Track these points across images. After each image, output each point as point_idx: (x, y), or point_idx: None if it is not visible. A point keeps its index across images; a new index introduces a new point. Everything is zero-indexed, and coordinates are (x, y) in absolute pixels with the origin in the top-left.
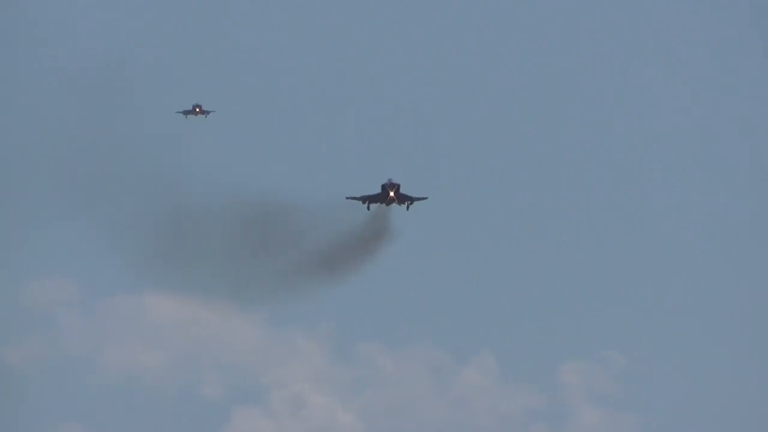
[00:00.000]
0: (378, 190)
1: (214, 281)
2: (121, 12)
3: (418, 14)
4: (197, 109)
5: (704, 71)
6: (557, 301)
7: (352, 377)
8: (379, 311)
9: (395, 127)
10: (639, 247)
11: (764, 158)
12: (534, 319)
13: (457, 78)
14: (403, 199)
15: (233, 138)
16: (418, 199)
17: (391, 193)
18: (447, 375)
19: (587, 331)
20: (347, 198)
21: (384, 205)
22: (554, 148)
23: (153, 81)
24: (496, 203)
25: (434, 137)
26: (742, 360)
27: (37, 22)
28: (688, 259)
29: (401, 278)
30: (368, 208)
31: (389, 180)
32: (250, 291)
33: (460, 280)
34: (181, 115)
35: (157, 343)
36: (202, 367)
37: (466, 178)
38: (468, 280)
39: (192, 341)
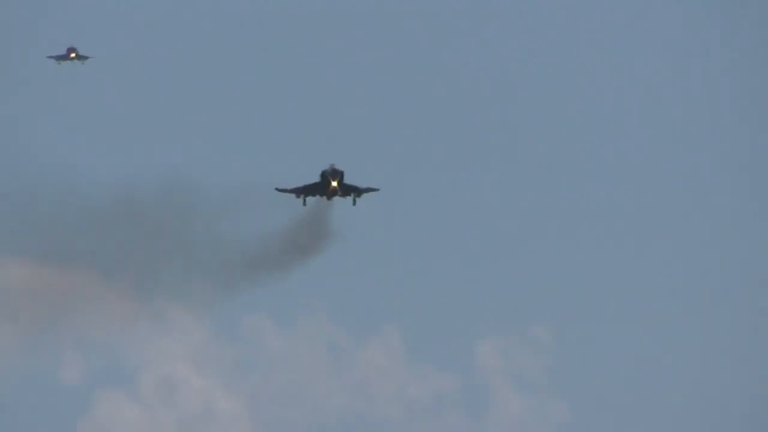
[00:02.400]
0: (317, 179)
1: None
2: None
3: None
4: (72, 54)
5: (702, 73)
6: (473, 273)
7: (235, 357)
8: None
9: (338, 103)
10: (572, 219)
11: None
12: (446, 293)
13: (411, 56)
14: (348, 190)
15: (120, 95)
16: (367, 190)
17: (334, 183)
18: (346, 356)
19: (509, 305)
20: (277, 190)
21: (324, 198)
22: (509, 136)
23: (18, 19)
24: (459, 196)
25: (384, 118)
26: (679, 337)
27: None
28: (621, 226)
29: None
30: (304, 202)
31: (331, 166)
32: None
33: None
34: (53, 60)
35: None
36: (62, 345)
37: (424, 167)
38: (386, 260)
39: (50, 315)
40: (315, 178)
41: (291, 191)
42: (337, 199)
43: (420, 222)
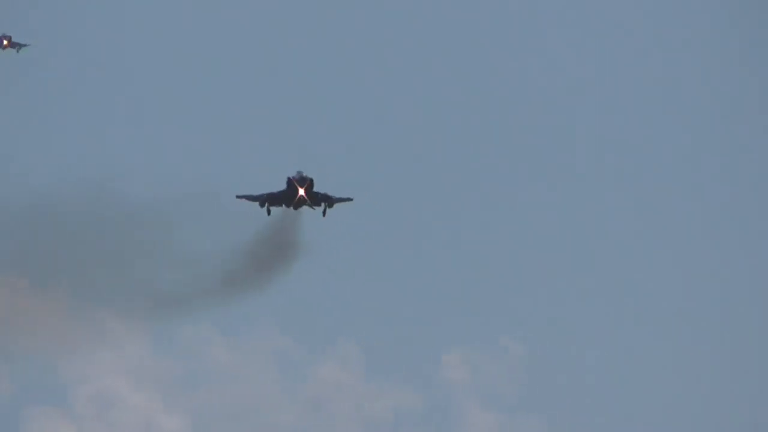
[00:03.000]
0: (282, 186)
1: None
2: None
3: None
4: (5, 42)
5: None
6: (439, 283)
7: (178, 371)
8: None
9: (308, 102)
10: (544, 230)
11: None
12: (409, 305)
13: (387, 56)
14: (318, 199)
15: (61, 87)
16: (340, 200)
17: (301, 191)
18: (300, 370)
19: (479, 315)
20: (238, 197)
21: (291, 208)
22: (491, 143)
23: None
24: (440, 207)
25: (360, 120)
26: (656, 349)
27: None
28: (592, 237)
29: None
30: (268, 211)
31: (298, 173)
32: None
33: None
34: None
35: None
36: None
37: (404, 175)
38: (358, 276)
39: None
40: (280, 185)
41: (253, 199)
42: (305, 209)
43: (398, 234)
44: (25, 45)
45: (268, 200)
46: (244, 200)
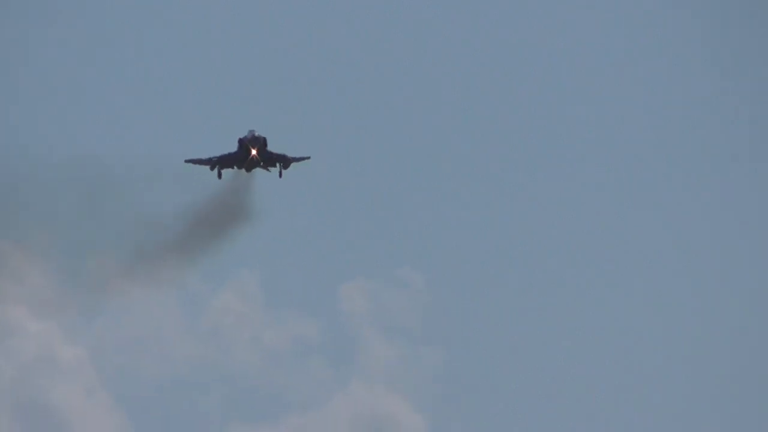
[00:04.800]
0: (234, 147)
1: None
2: None
3: None
4: None
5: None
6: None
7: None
8: None
9: (259, 57)
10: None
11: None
12: (306, 231)
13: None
14: (272, 159)
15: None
16: (296, 159)
17: (254, 152)
18: (196, 301)
19: (377, 245)
20: (187, 161)
21: (243, 170)
22: (449, 93)
23: None
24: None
25: (316, 74)
26: (558, 274)
27: None
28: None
29: None
30: (219, 175)
31: (251, 132)
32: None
33: None
34: None
35: None
36: None
37: (364, 131)
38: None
39: None
40: (231, 147)
41: (203, 162)
42: (258, 170)
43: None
44: None
45: (219, 163)
46: (193, 164)
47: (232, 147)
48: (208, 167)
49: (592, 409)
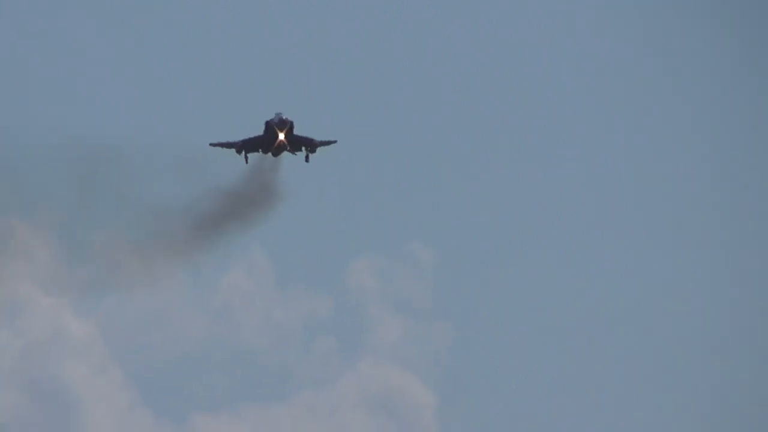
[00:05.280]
0: (260, 131)
1: None
2: None
3: None
4: None
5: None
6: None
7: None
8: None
9: (286, 40)
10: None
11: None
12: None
13: None
14: (299, 144)
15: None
16: (323, 143)
17: (281, 136)
18: (206, 279)
19: (387, 219)
20: (212, 145)
21: (270, 154)
22: (471, 84)
23: None
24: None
25: (344, 57)
26: (567, 262)
27: None
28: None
29: None
30: (246, 159)
31: (278, 115)
32: None
33: None
34: None
35: None
36: None
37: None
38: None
39: None
40: (258, 131)
41: (229, 146)
42: (286, 155)
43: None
44: None
45: (245, 147)
46: (219, 148)
47: (258, 129)
48: (233, 150)
49: (595, 385)
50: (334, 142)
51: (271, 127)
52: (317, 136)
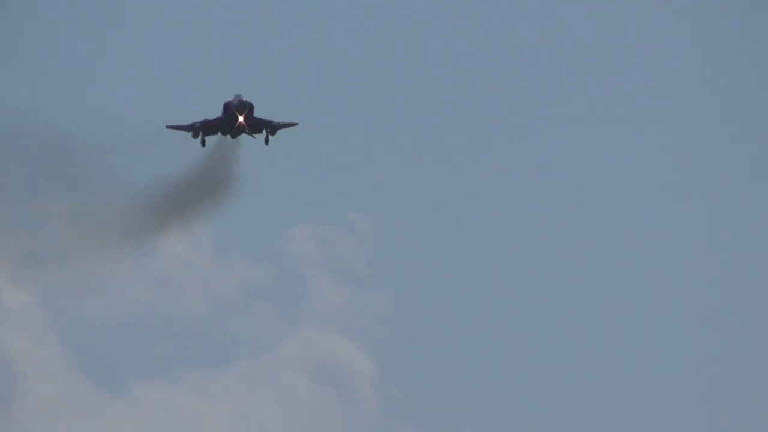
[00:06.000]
0: (218, 113)
1: None
2: None
3: None
4: None
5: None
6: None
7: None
8: None
9: (244, 20)
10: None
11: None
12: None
13: None
14: (258, 126)
15: None
16: (284, 125)
17: (240, 118)
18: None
19: (325, 189)
20: (168, 127)
21: (228, 136)
22: (439, 65)
23: None
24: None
25: (304, 38)
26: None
27: None
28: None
29: None
30: (203, 142)
31: (237, 97)
32: None
33: None
34: None
35: None
36: None
37: (355, 97)
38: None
39: None
40: (216, 112)
41: (185, 128)
42: (244, 136)
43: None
44: None
45: (202, 129)
46: (175, 130)
47: (216, 111)
48: (190, 134)
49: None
50: (296, 124)
51: (229, 109)
52: (277, 118)
